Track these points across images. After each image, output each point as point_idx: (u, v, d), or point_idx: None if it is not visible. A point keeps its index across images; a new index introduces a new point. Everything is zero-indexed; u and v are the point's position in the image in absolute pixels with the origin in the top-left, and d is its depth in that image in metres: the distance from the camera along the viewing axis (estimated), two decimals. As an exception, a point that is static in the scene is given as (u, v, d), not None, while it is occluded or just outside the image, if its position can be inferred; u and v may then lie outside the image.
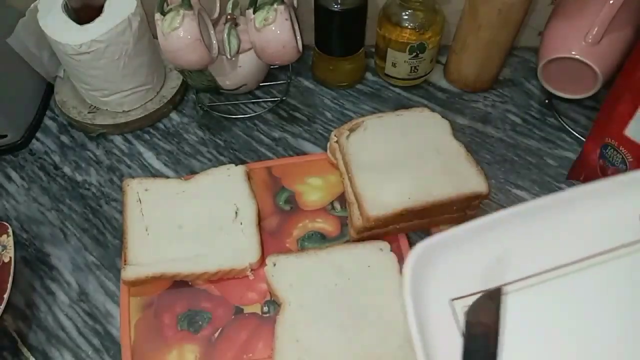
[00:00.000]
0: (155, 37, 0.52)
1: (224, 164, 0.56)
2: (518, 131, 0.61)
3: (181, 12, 0.48)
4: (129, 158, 0.60)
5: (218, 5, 0.58)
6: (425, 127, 0.52)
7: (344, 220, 0.52)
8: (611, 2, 0.48)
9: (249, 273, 0.48)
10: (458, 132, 0.56)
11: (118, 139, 0.62)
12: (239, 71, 0.58)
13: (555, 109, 0.62)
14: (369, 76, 0.67)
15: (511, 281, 0.38)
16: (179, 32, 0.48)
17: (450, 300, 0.38)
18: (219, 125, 0.63)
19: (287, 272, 0.46)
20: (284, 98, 0.65)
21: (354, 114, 0.63)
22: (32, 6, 0.56)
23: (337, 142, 0.53)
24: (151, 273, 0.46)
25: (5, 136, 0.60)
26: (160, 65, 0.63)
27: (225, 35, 0.54)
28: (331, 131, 0.54)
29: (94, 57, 0.54)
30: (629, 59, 0.46)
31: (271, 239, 0.51)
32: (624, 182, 0.40)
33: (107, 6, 0.55)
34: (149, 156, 0.60)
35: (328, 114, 0.63)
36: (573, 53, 0.51)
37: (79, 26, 0.54)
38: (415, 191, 0.46)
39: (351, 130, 0.52)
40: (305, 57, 0.65)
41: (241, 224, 0.50)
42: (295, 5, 0.57)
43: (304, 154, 0.59)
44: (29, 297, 0.50)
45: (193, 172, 0.57)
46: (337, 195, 0.53)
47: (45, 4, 0.55)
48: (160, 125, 0.63)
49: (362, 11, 0.57)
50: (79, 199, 0.57)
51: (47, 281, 0.51)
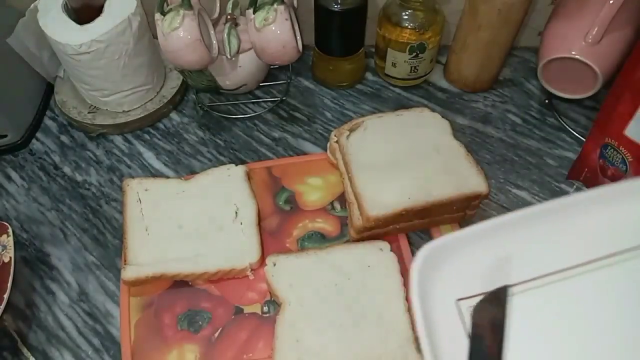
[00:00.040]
0: (155, 37, 0.52)
1: (224, 164, 0.56)
2: (518, 131, 0.61)
3: (181, 12, 0.48)
4: (129, 158, 0.60)
5: (218, 5, 0.58)
6: (425, 127, 0.52)
7: (344, 220, 0.52)
8: (611, 2, 0.48)
9: (249, 273, 0.48)
10: (458, 132, 0.56)
11: (118, 139, 0.62)
12: (239, 71, 0.58)
13: (555, 109, 0.62)
14: (369, 76, 0.67)
15: (516, 282, 0.38)
16: (179, 32, 0.48)
17: (456, 301, 0.38)
18: (219, 125, 0.63)
19: (287, 272, 0.46)
20: (284, 98, 0.64)
21: (354, 114, 0.63)
22: (32, 6, 0.56)
23: (337, 142, 0.53)
24: (151, 273, 0.46)
25: (6, 136, 0.60)
26: (160, 65, 0.63)
27: (225, 35, 0.54)
28: (331, 131, 0.54)
29: (94, 57, 0.54)
30: (629, 59, 0.46)
31: (271, 239, 0.51)
32: (629, 188, 0.40)
33: (107, 6, 0.55)
34: (149, 156, 0.60)
35: (328, 114, 0.63)
36: (573, 53, 0.51)
37: (79, 26, 0.54)
38: (415, 191, 0.46)
39: (351, 130, 0.52)
40: (305, 57, 0.65)
41: (241, 224, 0.50)
42: (295, 5, 0.57)
43: (304, 154, 0.59)
44: (29, 297, 0.50)
45: (193, 172, 0.57)
46: (337, 195, 0.53)
47: (45, 4, 0.55)
48: (160, 125, 0.63)
49: (362, 11, 0.57)
50: (79, 199, 0.57)
51: (47, 281, 0.51)
